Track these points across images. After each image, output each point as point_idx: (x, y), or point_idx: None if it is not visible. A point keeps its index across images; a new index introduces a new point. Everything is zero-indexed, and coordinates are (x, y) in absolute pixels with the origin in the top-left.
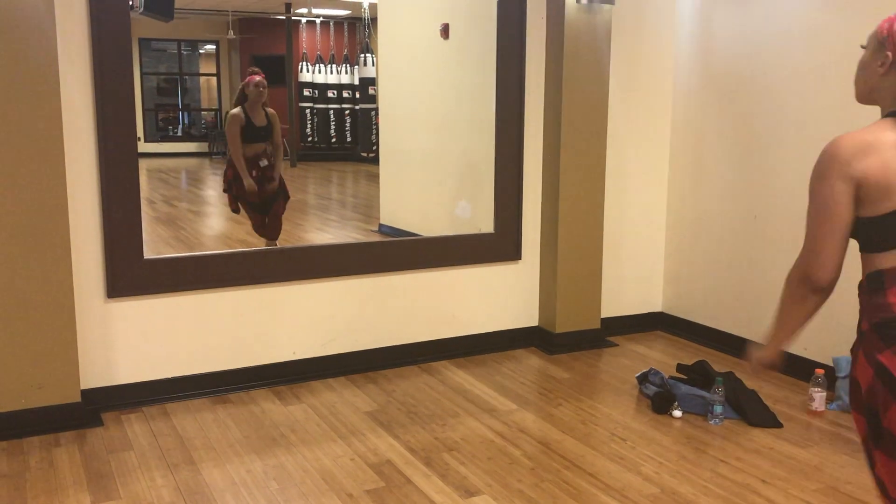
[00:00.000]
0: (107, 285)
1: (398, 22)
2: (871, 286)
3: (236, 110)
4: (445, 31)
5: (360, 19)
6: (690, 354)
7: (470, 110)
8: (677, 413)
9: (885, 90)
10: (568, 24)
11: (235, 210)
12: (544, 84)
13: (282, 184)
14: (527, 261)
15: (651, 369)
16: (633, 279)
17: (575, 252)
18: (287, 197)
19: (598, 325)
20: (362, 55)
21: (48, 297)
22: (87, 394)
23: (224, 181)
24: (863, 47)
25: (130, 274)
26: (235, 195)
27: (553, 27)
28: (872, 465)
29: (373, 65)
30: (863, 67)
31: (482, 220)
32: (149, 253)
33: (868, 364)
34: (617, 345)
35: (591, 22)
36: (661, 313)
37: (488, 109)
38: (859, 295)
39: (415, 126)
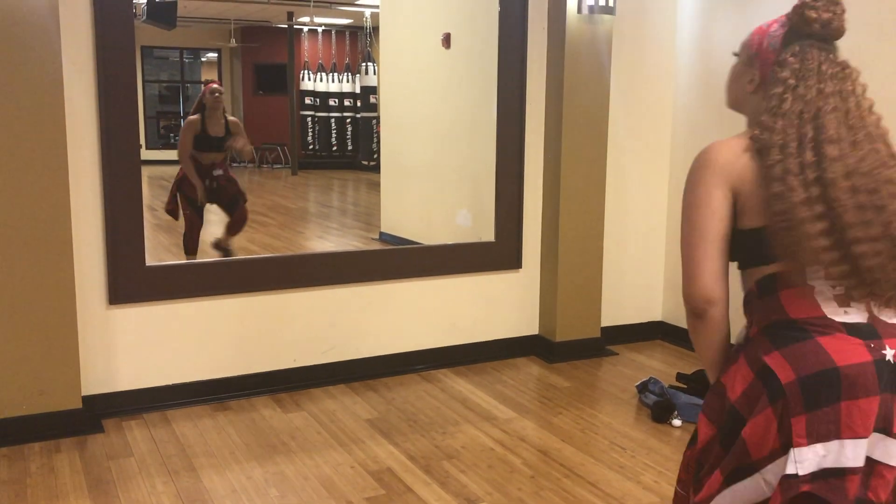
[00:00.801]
0: (108, 292)
1: (400, 31)
2: (762, 290)
3: (194, 117)
4: (447, 40)
5: (361, 28)
6: (690, 363)
7: (471, 119)
8: (677, 422)
9: (752, 108)
10: (569, 34)
11: (174, 214)
12: (545, 93)
13: (238, 189)
14: (527, 269)
15: (651, 378)
16: (633, 288)
17: (575, 261)
18: (244, 199)
19: (598, 334)
20: (364, 64)
21: (50, 303)
22: (88, 400)
23: (173, 184)
24: (735, 55)
25: (132, 281)
26: (186, 196)
27: (554, 37)
28: (697, 473)
29: (374, 73)
30: (734, 78)
31: (483, 229)
32: (150, 260)
33: (749, 367)
34: (617, 354)
35: (592, 32)
36: (661, 322)
37: (489, 118)
38: (747, 305)
39: (416, 134)
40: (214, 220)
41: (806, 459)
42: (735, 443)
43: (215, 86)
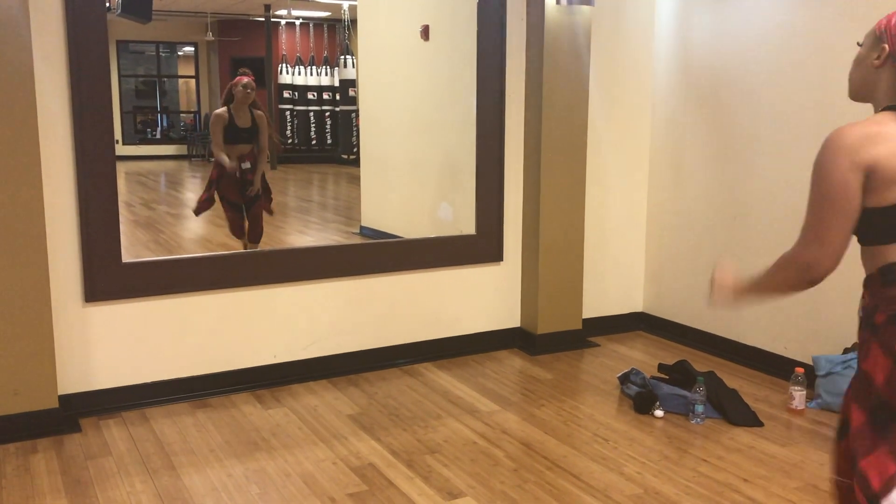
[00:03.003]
0: (84, 290)
1: (378, 23)
2: (885, 279)
3: (221, 109)
4: (426, 32)
5: (339, 21)
6: (671, 354)
7: (451, 112)
8: (659, 413)
9: (881, 83)
10: (548, 26)
11: (197, 212)
12: (525, 85)
13: (265, 187)
14: (508, 262)
15: (632, 369)
16: (614, 280)
17: (556, 253)
18: (270, 199)
19: (579, 326)
20: (342, 57)
21: (24, 301)
22: (65, 399)
23: (210, 185)
24: (859, 45)
25: (108, 278)
26: (221, 195)
27: (533, 28)
28: (854, 460)
29: (353, 66)
30: (858, 62)
31: (463, 222)
32: (127, 257)
33: (886, 355)
34: (598, 345)
35: (570, 23)
36: (642, 313)
37: (469, 111)
38: (869, 288)
39: (395, 128)
40: (199, 218)
41: None
42: (893, 427)
43: (248, 80)
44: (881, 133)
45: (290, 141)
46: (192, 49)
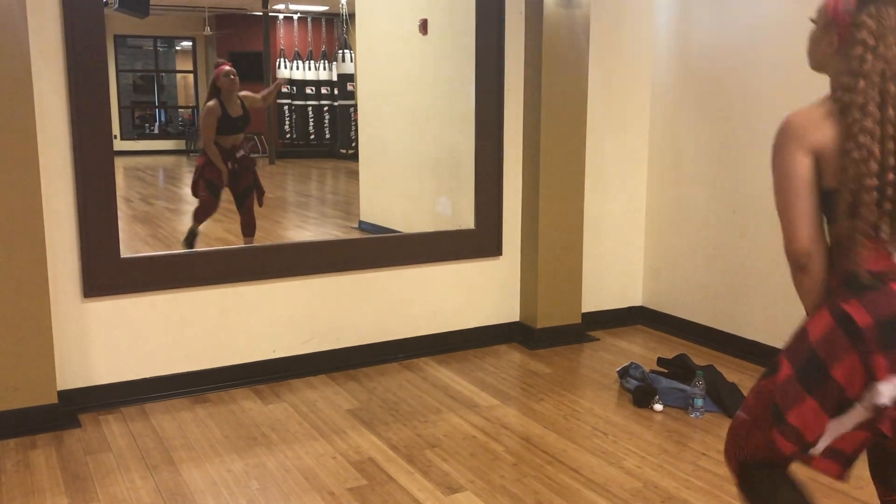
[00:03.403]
0: (83, 285)
1: (376, 17)
2: (840, 245)
3: (212, 103)
4: (424, 26)
5: (337, 15)
6: (671, 348)
7: (449, 106)
8: (658, 407)
9: (833, 70)
10: (546, 19)
11: (196, 194)
12: (524, 79)
13: (256, 181)
14: (507, 256)
15: (632, 363)
16: (613, 274)
17: (555, 247)
18: (262, 192)
19: (578, 320)
20: (340, 51)
21: (23, 297)
22: (64, 395)
23: (196, 170)
24: (812, 21)
25: (107, 273)
26: (207, 179)
27: (531, 22)
28: (780, 415)
29: (351, 61)
30: (814, 42)
31: (462, 217)
32: (126, 252)
33: (830, 314)
34: (598, 339)
35: (569, 16)
36: (641, 307)
37: (468, 105)
38: (832, 259)
39: (394, 122)
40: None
41: (887, 391)
42: (822, 382)
43: (227, 67)
44: (826, 119)
45: (288, 136)
46: (190, 44)
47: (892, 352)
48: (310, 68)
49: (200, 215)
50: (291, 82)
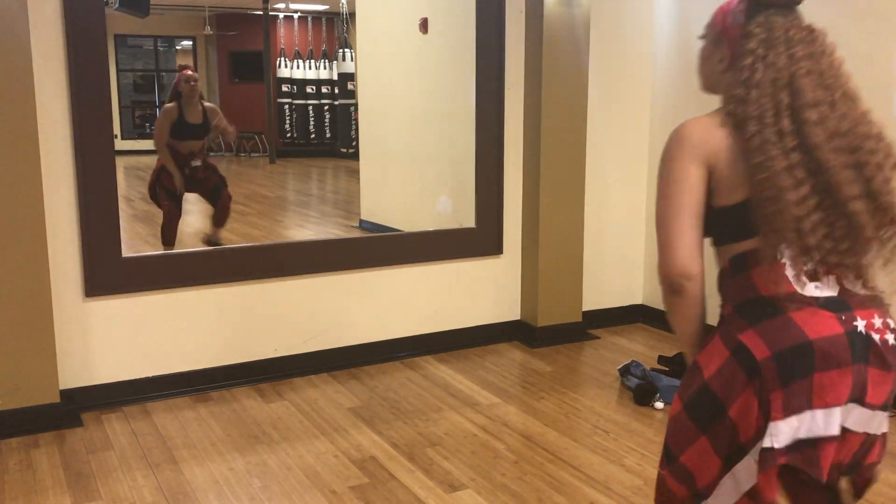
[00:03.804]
0: (85, 284)
1: (377, 16)
2: (734, 268)
3: (170, 105)
4: (424, 25)
5: (338, 14)
6: (671, 346)
7: (450, 105)
8: (659, 405)
9: (725, 86)
10: (546, 18)
11: (154, 199)
12: (524, 78)
13: (218, 176)
14: (508, 255)
15: (632, 361)
16: (613, 272)
17: (556, 246)
18: (225, 185)
19: (579, 318)
20: (341, 50)
21: (25, 297)
22: (66, 394)
23: (152, 174)
24: (701, 38)
25: (109, 272)
26: (164, 187)
27: (532, 21)
28: (671, 455)
29: (351, 60)
30: (704, 60)
31: (463, 215)
32: (127, 251)
33: (724, 345)
34: (598, 337)
35: (569, 15)
36: (642, 305)
37: (468, 103)
38: (720, 283)
39: (395, 121)
40: (193, 211)
41: (781, 433)
42: (716, 421)
43: (190, 73)
44: (722, 131)
45: (288, 135)
46: (191, 43)
47: (790, 388)
48: (310, 67)
49: (167, 233)
50: (292, 81)
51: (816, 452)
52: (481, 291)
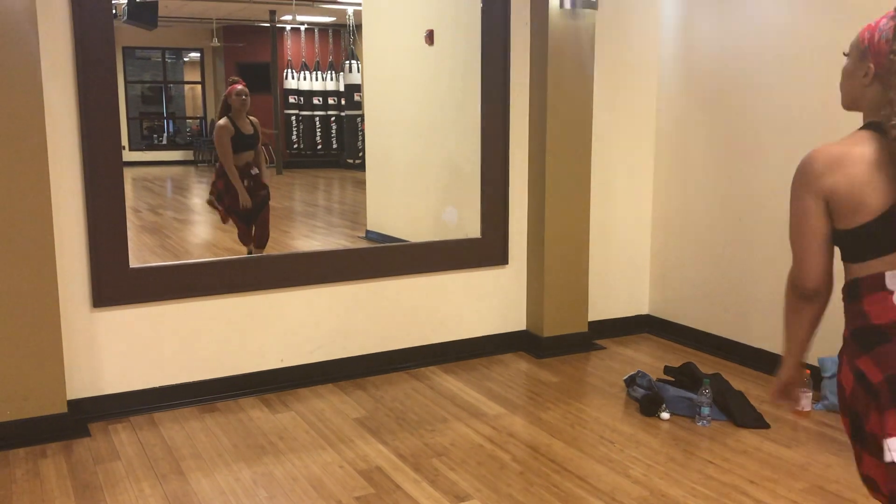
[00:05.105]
0: (92, 295)
1: (383, 28)
2: (849, 294)
3: (223, 121)
4: (430, 37)
5: (344, 26)
6: (677, 356)
7: (455, 116)
8: (665, 415)
9: (869, 100)
10: (552, 30)
11: (226, 220)
12: (529, 89)
13: (268, 191)
14: (514, 265)
15: (638, 372)
16: (619, 282)
17: (562, 256)
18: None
19: (585, 329)
20: (347, 62)
21: (33, 307)
22: (74, 404)
23: (213, 192)
24: (845, 55)
25: (116, 283)
26: (227, 206)
27: (537, 32)
28: (859, 464)
29: (358, 71)
30: (847, 76)
31: (469, 225)
32: (134, 262)
33: (850, 370)
34: (604, 348)
35: (574, 27)
36: (647, 316)
37: (474, 115)
38: (844, 296)
39: (401, 132)
40: (202, 222)
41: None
42: (864, 437)
43: (241, 87)
44: (848, 156)
45: (295, 146)
46: (198, 55)
47: None
48: (317, 79)
49: (244, 238)
50: (299, 93)
51: None
52: (487, 302)
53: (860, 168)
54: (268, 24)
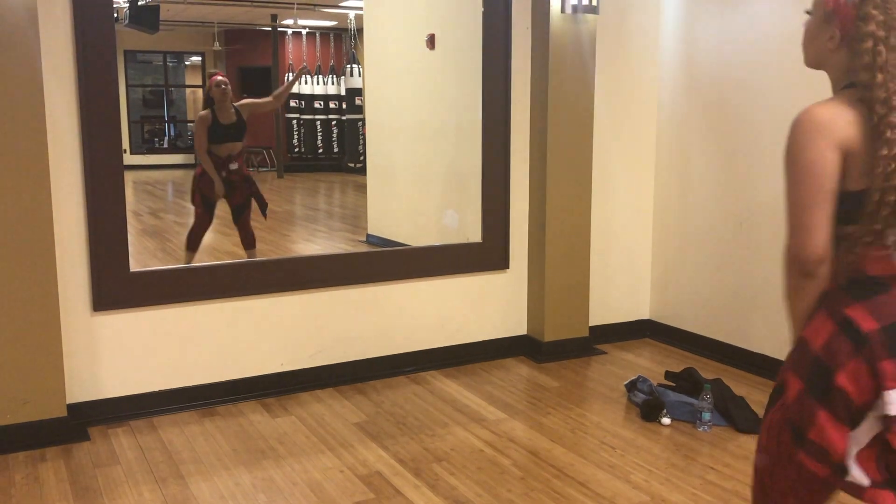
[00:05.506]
0: (93, 298)
1: (384, 33)
2: (843, 247)
3: (204, 112)
4: (431, 41)
5: (346, 30)
6: (678, 361)
7: (456, 120)
8: (666, 420)
9: (835, 65)
10: (553, 34)
11: (194, 203)
12: (530, 93)
13: (257, 193)
14: (514, 270)
15: (639, 377)
16: (620, 287)
17: (562, 260)
18: (264, 204)
19: (586, 333)
20: (349, 66)
21: (33, 311)
22: (74, 408)
23: (192, 180)
24: (808, 13)
25: (117, 287)
26: (202, 193)
27: (538, 37)
28: (807, 427)
29: (359, 75)
30: (811, 38)
31: (470, 230)
32: (135, 266)
33: (830, 319)
34: (605, 353)
35: (575, 31)
36: (648, 321)
37: (475, 119)
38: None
39: (402, 136)
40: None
41: (893, 402)
42: (828, 392)
43: (220, 77)
44: (843, 116)
45: (296, 150)
46: (200, 59)
47: None
48: (318, 83)
49: (193, 238)
50: (300, 97)
51: None
52: (488, 306)
53: (857, 129)
54: (269, 28)
